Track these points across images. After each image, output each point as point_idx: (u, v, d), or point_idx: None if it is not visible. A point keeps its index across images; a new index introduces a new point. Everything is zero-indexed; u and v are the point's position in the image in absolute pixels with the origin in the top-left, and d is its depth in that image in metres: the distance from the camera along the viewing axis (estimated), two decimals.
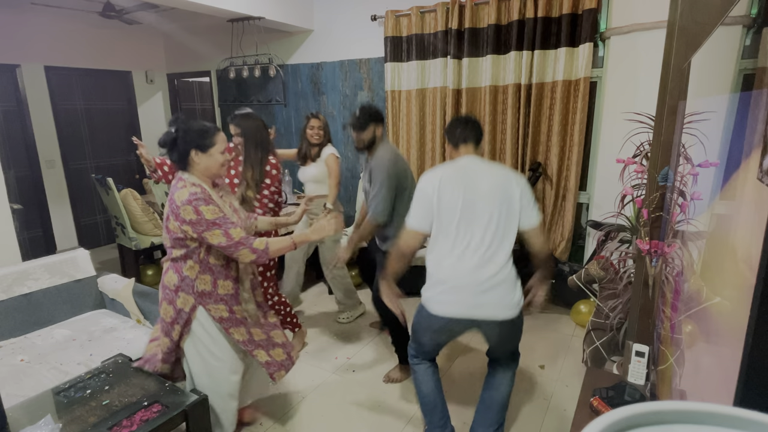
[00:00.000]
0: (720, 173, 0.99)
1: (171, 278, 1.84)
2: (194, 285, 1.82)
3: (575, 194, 3.49)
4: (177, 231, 1.74)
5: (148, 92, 5.71)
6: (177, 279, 1.82)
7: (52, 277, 2.60)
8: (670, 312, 1.30)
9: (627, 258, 2.47)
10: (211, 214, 1.70)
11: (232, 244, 1.74)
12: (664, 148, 1.47)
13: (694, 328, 1.04)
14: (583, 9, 3.20)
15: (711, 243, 1.03)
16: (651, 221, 1.54)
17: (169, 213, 1.74)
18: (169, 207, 1.74)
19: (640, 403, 0.53)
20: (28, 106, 4.63)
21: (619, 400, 1.46)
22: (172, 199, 1.73)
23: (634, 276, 1.75)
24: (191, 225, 1.70)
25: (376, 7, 4.03)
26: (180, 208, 1.69)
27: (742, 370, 0.67)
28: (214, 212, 1.71)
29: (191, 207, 1.68)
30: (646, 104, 2.30)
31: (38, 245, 4.85)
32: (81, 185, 5.15)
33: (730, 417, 0.50)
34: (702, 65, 1.37)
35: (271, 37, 4.64)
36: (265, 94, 4.95)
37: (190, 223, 1.70)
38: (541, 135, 3.55)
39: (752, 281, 0.64)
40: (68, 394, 1.79)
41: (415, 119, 3.99)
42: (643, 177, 2.11)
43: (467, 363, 2.84)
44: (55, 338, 2.41)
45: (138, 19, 4.57)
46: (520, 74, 3.49)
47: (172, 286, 1.83)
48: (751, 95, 0.76)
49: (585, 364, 2.66)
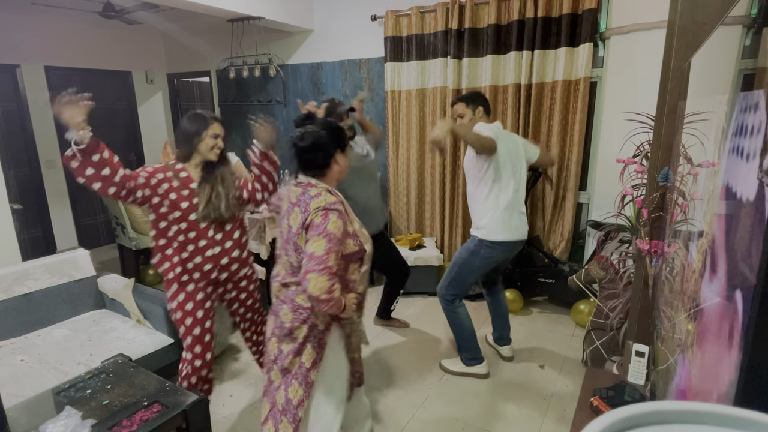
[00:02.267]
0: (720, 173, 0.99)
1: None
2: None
3: (575, 194, 3.49)
4: (300, 243, 1.51)
5: (148, 92, 5.71)
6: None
7: (52, 277, 2.60)
8: (669, 312, 1.30)
9: (627, 258, 2.47)
10: (334, 228, 1.47)
11: (321, 264, 1.42)
12: (664, 148, 1.47)
13: (693, 328, 1.05)
14: (583, 9, 3.20)
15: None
16: (651, 221, 1.54)
17: (301, 227, 1.51)
18: (301, 220, 1.51)
19: (640, 403, 0.53)
20: (28, 106, 4.63)
21: (619, 400, 1.46)
22: (307, 209, 1.51)
23: (634, 276, 1.75)
24: (311, 227, 1.49)
25: (376, 7, 4.03)
26: (311, 213, 1.49)
27: (742, 370, 0.67)
28: (338, 228, 1.48)
29: (322, 212, 1.49)
30: (646, 104, 2.30)
31: (38, 245, 4.85)
32: (81, 185, 5.13)
33: (730, 417, 0.50)
34: (702, 65, 1.37)
35: (271, 37, 4.64)
36: (265, 94, 4.95)
37: (312, 226, 1.48)
38: (541, 135, 3.55)
39: (752, 281, 0.64)
40: (68, 394, 1.79)
41: (415, 119, 3.99)
42: (643, 177, 2.11)
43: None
44: (55, 338, 2.41)
45: (138, 19, 4.57)
46: (520, 74, 3.49)
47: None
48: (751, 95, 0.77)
49: (585, 364, 2.66)
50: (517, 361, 2.85)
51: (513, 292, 3.49)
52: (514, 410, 2.40)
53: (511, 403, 2.45)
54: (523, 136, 3.58)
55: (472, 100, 2.58)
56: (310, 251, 1.44)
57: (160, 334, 2.47)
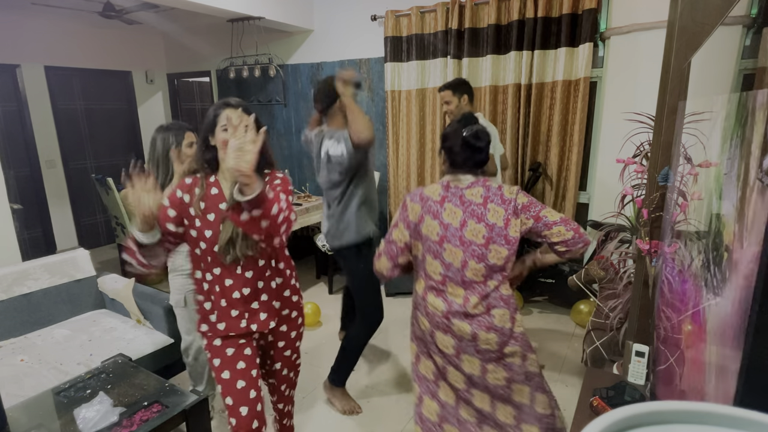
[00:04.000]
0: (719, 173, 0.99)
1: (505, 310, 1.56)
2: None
3: (575, 194, 3.49)
4: (517, 231, 1.50)
5: (148, 92, 5.71)
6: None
7: (52, 277, 2.60)
8: (669, 312, 1.30)
9: (627, 258, 2.47)
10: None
11: (568, 223, 1.50)
12: (664, 148, 1.47)
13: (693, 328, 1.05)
14: (583, 9, 3.20)
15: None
16: (651, 221, 1.54)
17: (509, 215, 1.50)
18: (505, 212, 1.50)
19: (640, 403, 0.53)
20: (28, 106, 4.63)
21: (619, 400, 1.46)
22: (505, 198, 1.52)
23: (634, 276, 1.75)
24: (525, 209, 1.51)
25: (376, 7, 4.03)
26: (515, 199, 1.51)
27: (742, 370, 0.67)
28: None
29: (522, 193, 1.53)
30: (646, 104, 2.30)
31: (38, 245, 4.85)
32: (81, 185, 5.15)
33: (730, 417, 0.50)
34: (702, 65, 1.37)
35: (271, 37, 4.64)
36: (265, 94, 4.95)
37: (525, 207, 1.51)
38: (541, 135, 3.55)
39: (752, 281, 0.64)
40: (68, 394, 1.79)
41: (415, 119, 3.99)
42: (643, 177, 2.11)
43: None
44: (55, 338, 2.41)
45: (138, 19, 4.57)
46: (520, 74, 3.49)
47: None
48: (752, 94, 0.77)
49: (585, 364, 2.66)
50: None
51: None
52: None
53: None
54: (523, 136, 3.59)
55: (458, 88, 2.76)
56: (552, 220, 1.50)
57: (160, 334, 2.47)
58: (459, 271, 1.53)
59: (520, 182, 3.65)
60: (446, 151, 1.61)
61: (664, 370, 1.32)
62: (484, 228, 1.51)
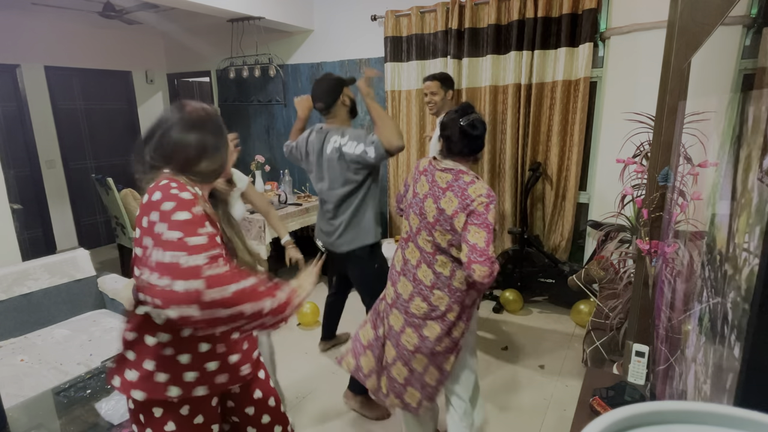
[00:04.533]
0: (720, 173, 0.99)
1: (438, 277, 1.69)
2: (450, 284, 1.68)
3: (575, 194, 3.49)
4: (461, 226, 1.58)
5: (148, 92, 5.71)
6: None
7: (52, 277, 2.60)
8: (670, 312, 1.30)
9: (627, 258, 2.47)
10: (492, 218, 1.56)
11: (484, 256, 1.49)
12: (664, 148, 1.47)
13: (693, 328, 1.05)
14: (583, 9, 3.20)
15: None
16: (651, 221, 1.54)
17: (458, 209, 1.59)
18: (458, 204, 1.58)
19: (640, 403, 0.53)
20: (28, 106, 4.63)
21: (619, 400, 1.46)
22: (466, 194, 1.58)
23: (634, 276, 1.75)
24: (473, 214, 1.56)
25: (376, 7, 4.03)
26: (473, 201, 1.57)
27: (742, 370, 0.67)
28: (494, 218, 1.59)
29: (486, 202, 1.56)
30: (646, 104, 2.30)
31: (38, 245, 4.85)
32: (81, 185, 5.15)
33: (730, 417, 0.50)
34: (702, 65, 1.37)
35: (271, 37, 4.64)
36: (265, 94, 4.95)
37: (474, 214, 1.56)
38: (541, 135, 3.55)
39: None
40: (68, 394, 1.79)
41: (415, 119, 3.98)
42: (643, 177, 2.11)
43: None
44: (55, 338, 2.41)
45: (138, 19, 4.57)
46: (520, 74, 3.49)
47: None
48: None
49: (585, 364, 2.66)
50: (517, 361, 2.85)
51: (513, 292, 3.49)
52: (514, 410, 2.40)
53: (512, 403, 2.45)
54: (523, 136, 3.59)
55: (446, 82, 2.80)
56: (473, 242, 1.52)
57: None
58: (415, 235, 1.72)
59: (520, 182, 3.65)
60: (445, 139, 1.69)
61: (664, 370, 1.32)
62: (436, 210, 1.64)
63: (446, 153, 1.71)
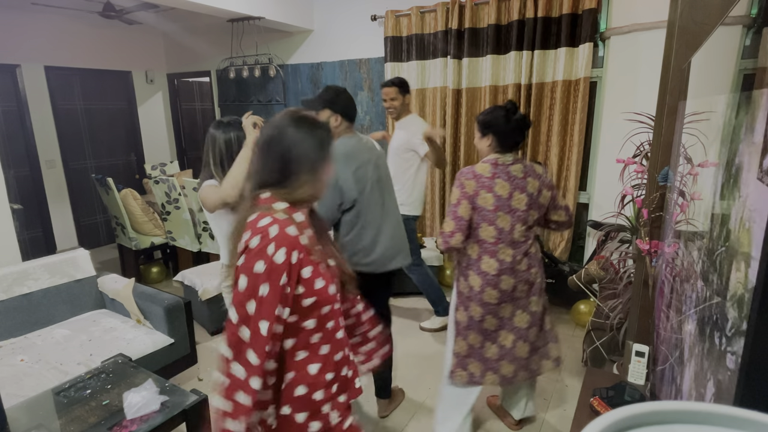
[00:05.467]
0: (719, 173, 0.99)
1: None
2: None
3: (575, 194, 3.49)
4: (546, 199, 1.90)
5: (148, 92, 5.71)
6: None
7: (52, 277, 2.60)
8: (670, 312, 1.30)
9: (627, 258, 2.47)
10: None
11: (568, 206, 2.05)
12: (664, 148, 1.47)
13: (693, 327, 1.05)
14: (583, 9, 3.20)
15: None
16: (651, 221, 1.54)
17: (541, 186, 1.87)
18: (539, 184, 1.87)
19: (640, 403, 0.53)
20: (28, 106, 4.63)
21: (619, 400, 1.46)
22: (537, 173, 1.88)
23: (634, 276, 1.75)
24: (549, 186, 1.93)
25: (376, 7, 4.03)
26: (544, 175, 1.92)
27: (742, 370, 0.67)
28: None
29: (545, 171, 1.95)
30: (646, 104, 2.30)
31: (38, 245, 4.85)
32: (81, 185, 5.15)
33: (730, 417, 0.50)
34: (702, 65, 1.37)
35: (271, 37, 4.64)
36: (265, 94, 4.95)
37: (549, 184, 1.93)
38: (541, 135, 3.56)
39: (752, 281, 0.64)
40: (68, 394, 1.79)
41: None
42: (643, 177, 2.11)
43: None
44: (55, 338, 2.41)
45: (138, 19, 4.57)
46: (520, 74, 3.49)
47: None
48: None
49: (585, 364, 2.66)
50: None
51: None
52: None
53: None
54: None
55: (404, 87, 2.96)
56: (565, 203, 1.98)
57: (160, 334, 2.47)
58: (508, 234, 1.84)
59: None
60: (495, 135, 1.84)
61: (664, 371, 1.32)
62: (526, 197, 1.84)
63: (500, 148, 1.86)
